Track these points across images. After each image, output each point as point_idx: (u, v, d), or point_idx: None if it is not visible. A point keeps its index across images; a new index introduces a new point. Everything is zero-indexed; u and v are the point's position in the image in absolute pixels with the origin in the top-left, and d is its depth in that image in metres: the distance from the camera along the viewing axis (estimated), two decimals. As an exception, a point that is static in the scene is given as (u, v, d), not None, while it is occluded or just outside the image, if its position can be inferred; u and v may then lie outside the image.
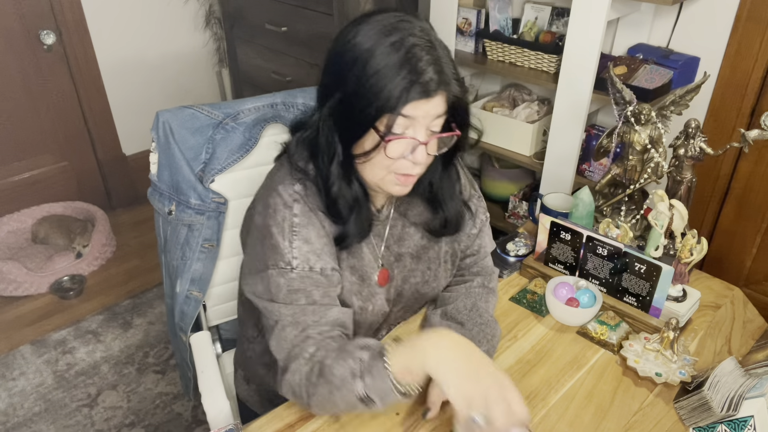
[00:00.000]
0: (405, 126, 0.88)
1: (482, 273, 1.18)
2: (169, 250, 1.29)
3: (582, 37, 1.78)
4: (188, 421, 1.91)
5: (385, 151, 0.89)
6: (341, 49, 0.88)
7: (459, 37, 2.22)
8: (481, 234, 1.18)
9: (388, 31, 0.85)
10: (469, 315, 1.09)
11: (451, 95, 0.89)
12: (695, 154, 1.29)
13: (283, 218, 0.94)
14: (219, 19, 3.04)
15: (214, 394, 1.17)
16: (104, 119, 2.83)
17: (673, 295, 1.19)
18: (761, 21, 1.75)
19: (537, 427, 0.99)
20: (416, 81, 0.84)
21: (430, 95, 0.85)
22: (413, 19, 0.88)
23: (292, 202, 0.95)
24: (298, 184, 0.97)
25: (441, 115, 0.90)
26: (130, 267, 2.62)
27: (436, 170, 1.03)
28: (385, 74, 0.83)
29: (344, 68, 0.87)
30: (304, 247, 0.94)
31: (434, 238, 1.10)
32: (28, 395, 1.99)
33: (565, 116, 1.93)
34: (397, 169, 0.92)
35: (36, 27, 2.49)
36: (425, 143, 0.90)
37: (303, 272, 0.93)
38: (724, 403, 0.94)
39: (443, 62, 0.87)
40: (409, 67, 0.83)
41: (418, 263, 1.10)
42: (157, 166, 1.23)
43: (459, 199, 1.08)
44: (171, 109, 1.22)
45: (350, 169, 0.94)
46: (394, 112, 0.85)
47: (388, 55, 0.84)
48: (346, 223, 0.97)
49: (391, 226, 1.07)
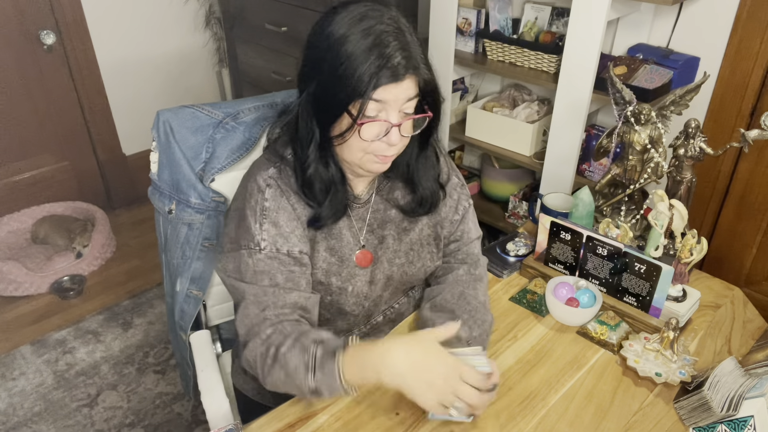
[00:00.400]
0: (378, 109, 0.92)
1: (467, 260, 1.20)
2: (169, 249, 1.29)
3: (582, 37, 1.78)
4: (188, 421, 1.91)
5: (359, 133, 0.94)
6: (316, 38, 0.94)
7: (459, 37, 2.22)
8: (464, 220, 1.20)
9: (358, 19, 0.90)
10: (457, 303, 1.12)
11: (421, 78, 0.93)
12: (695, 154, 1.29)
13: (255, 202, 1.01)
14: (219, 19, 3.04)
15: (214, 394, 1.17)
16: (104, 119, 2.83)
17: (673, 295, 1.19)
18: (761, 21, 1.75)
19: (537, 427, 0.99)
20: (385, 65, 0.88)
21: (399, 79, 0.90)
22: (382, 7, 0.92)
23: (264, 186, 1.01)
24: (273, 168, 1.02)
25: (412, 98, 0.94)
26: (130, 267, 2.62)
27: (412, 151, 1.08)
28: (355, 60, 0.88)
29: (319, 56, 0.93)
30: (272, 230, 1.00)
31: (414, 220, 1.13)
32: (28, 395, 1.99)
33: (565, 116, 1.93)
34: (374, 150, 0.96)
35: (36, 27, 2.49)
36: (398, 125, 0.94)
37: (270, 253, 0.99)
38: (724, 403, 0.94)
39: (411, 47, 0.91)
40: (377, 53, 0.88)
41: (400, 245, 1.13)
42: (158, 165, 1.23)
43: (435, 180, 1.11)
44: (171, 108, 1.22)
45: (327, 152, 1.00)
46: (365, 97, 0.89)
47: (358, 42, 0.89)
48: (320, 204, 1.02)
49: (374, 210, 1.11)
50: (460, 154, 2.63)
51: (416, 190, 1.10)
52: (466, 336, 1.06)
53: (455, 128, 2.36)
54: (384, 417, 1.00)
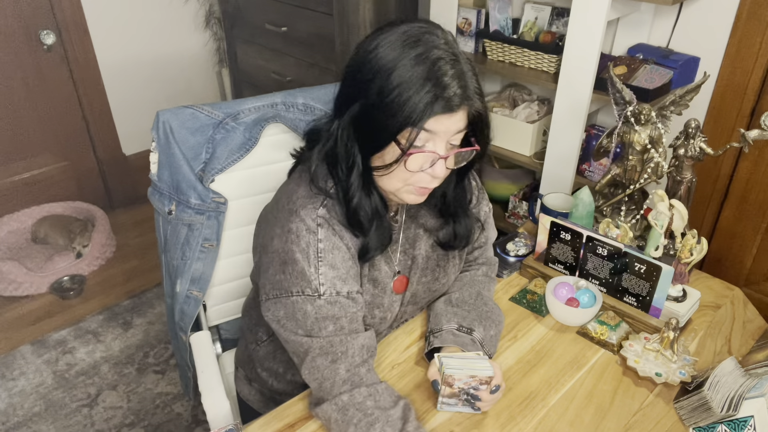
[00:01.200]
0: (425, 139, 0.88)
1: (486, 263, 1.22)
2: (169, 250, 1.29)
3: (582, 37, 1.78)
4: (188, 421, 1.91)
5: (405, 164, 0.88)
6: (363, 58, 0.87)
7: (459, 37, 2.22)
8: (487, 226, 1.20)
9: (412, 42, 0.84)
10: (475, 303, 1.12)
11: (473, 110, 0.89)
12: (695, 154, 1.29)
13: (307, 244, 0.93)
14: (219, 19, 3.04)
15: (214, 394, 1.17)
16: (104, 119, 2.83)
17: (673, 295, 1.19)
18: (761, 21, 1.75)
19: (537, 427, 0.99)
20: (440, 96, 0.83)
21: (453, 110, 0.85)
22: (438, 30, 0.87)
23: (316, 227, 0.94)
24: (322, 207, 0.95)
25: (461, 130, 0.90)
26: (130, 267, 2.62)
27: (450, 182, 1.03)
28: (408, 87, 0.83)
29: (366, 78, 0.86)
30: (330, 273, 0.94)
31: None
32: (28, 395, 1.99)
33: (565, 116, 1.93)
34: (416, 182, 0.92)
35: (36, 27, 2.49)
36: (445, 157, 0.90)
37: (331, 297, 0.93)
38: (724, 403, 0.94)
39: (467, 77, 0.87)
40: (433, 81, 0.83)
41: (428, 262, 1.10)
42: (158, 165, 1.23)
43: (470, 213, 1.09)
44: (171, 108, 1.22)
45: (369, 180, 0.94)
46: (417, 126, 0.84)
47: (412, 68, 0.83)
48: (367, 234, 0.96)
49: (404, 229, 1.07)
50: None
51: (449, 222, 1.07)
52: (480, 338, 1.06)
53: (455, 128, 2.36)
54: (384, 417, 1.00)
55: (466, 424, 0.99)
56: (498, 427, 0.98)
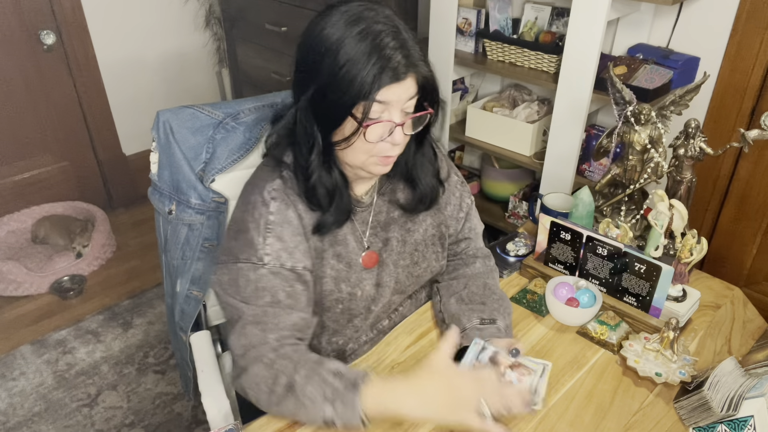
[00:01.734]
0: (380, 110, 0.92)
1: (479, 255, 1.24)
2: (169, 250, 1.29)
3: (582, 37, 1.78)
4: (188, 421, 1.91)
5: (364, 135, 0.93)
6: (311, 41, 0.92)
7: (459, 37, 2.22)
8: (470, 217, 1.22)
9: (354, 20, 0.89)
10: (484, 294, 1.14)
11: (421, 76, 0.93)
12: (695, 154, 1.29)
13: (260, 215, 0.99)
14: (219, 19, 3.04)
15: (213, 394, 1.17)
16: (104, 119, 2.83)
17: (673, 295, 1.19)
18: (761, 21, 1.75)
19: (537, 427, 0.99)
20: (386, 66, 0.88)
21: (400, 78, 0.90)
22: (376, 6, 0.92)
23: (269, 200, 1.00)
24: (278, 179, 1.01)
25: (413, 97, 0.94)
26: (130, 267, 2.62)
27: (410, 149, 1.08)
28: (355, 63, 0.88)
29: (316, 60, 0.91)
30: (276, 245, 0.98)
31: (418, 221, 1.14)
32: (28, 395, 1.99)
33: (565, 116, 1.93)
34: (378, 152, 0.96)
35: (36, 27, 2.49)
36: (401, 124, 0.94)
37: (274, 268, 0.98)
38: (724, 403, 0.94)
39: (410, 45, 0.91)
40: (378, 54, 0.88)
41: (404, 246, 1.13)
42: (158, 165, 1.23)
43: (434, 176, 1.12)
44: (171, 108, 1.22)
45: (330, 157, 0.99)
46: (369, 99, 0.89)
47: (356, 44, 0.88)
48: (325, 210, 1.01)
49: (377, 212, 1.11)
50: (460, 154, 2.63)
51: (416, 187, 1.11)
52: (503, 326, 1.09)
53: (455, 128, 2.36)
54: (384, 417, 1.00)
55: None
56: (498, 427, 0.98)
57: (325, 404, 0.89)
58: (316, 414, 0.90)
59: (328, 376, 0.91)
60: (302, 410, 0.91)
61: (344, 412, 0.88)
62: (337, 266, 1.06)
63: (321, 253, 1.04)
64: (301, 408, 0.91)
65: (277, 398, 0.93)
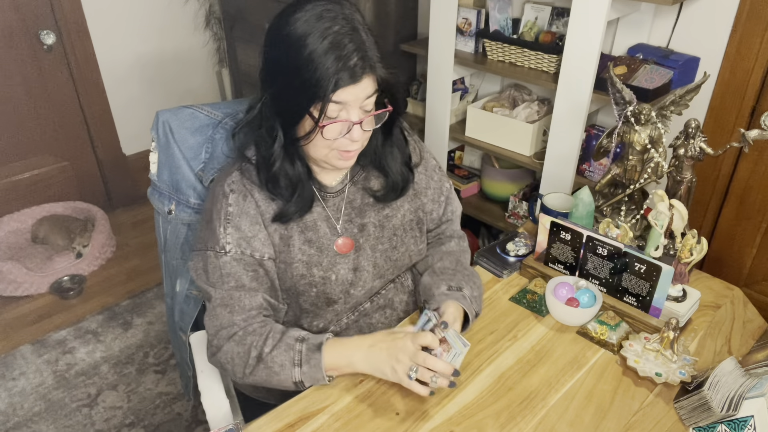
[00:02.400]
0: (338, 109, 0.95)
1: (455, 236, 1.29)
2: (168, 250, 1.29)
3: (582, 37, 1.78)
4: (188, 421, 1.91)
5: (322, 134, 0.96)
6: (275, 39, 0.96)
7: (459, 37, 2.22)
8: (450, 201, 1.27)
9: (314, 20, 0.91)
10: (456, 268, 1.20)
11: (378, 76, 0.96)
12: (695, 154, 1.29)
13: (221, 206, 1.05)
14: (219, 19, 3.04)
15: (213, 394, 1.17)
16: (104, 119, 2.83)
17: (673, 295, 1.19)
18: (761, 21, 1.75)
19: (537, 427, 0.99)
20: (342, 68, 0.91)
21: (357, 80, 0.93)
22: (337, 6, 0.94)
23: (228, 192, 1.05)
24: (236, 172, 1.06)
25: (371, 95, 0.97)
26: (130, 267, 2.62)
27: (377, 140, 1.11)
28: (313, 63, 0.90)
29: (278, 57, 0.95)
30: (235, 234, 1.04)
31: (396, 207, 1.16)
32: (28, 395, 1.99)
33: (565, 116, 1.93)
34: (338, 146, 1.00)
35: (36, 27, 2.50)
36: (359, 122, 0.97)
37: (236, 255, 1.04)
38: (724, 403, 0.94)
39: (367, 46, 0.94)
40: (334, 55, 0.90)
41: (383, 231, 1.15)
42: (157, 165, 1.23)
43: (404, 164, 1.14)
44: (171, 108, 1.22)
45: (292, 150, 1.02)
46: (325, 99, 0.92)
47: (315, 45, 0.90)
48: (287, 200, 1.05)
49: (350, 199, 1.13)
50: (460, 154, 2.62)
51: (387, 176, 1.13)
52: (469, 294, 1.13)
53: (455, 128, 2.36)
54: (384, 417, 1.00)
55: (466, 424, 0.99)
56: (498, 427, 0.98)
57: (294, 368, 0.99)
58: (286, 378, 1.00)
59: (294, 343, 1.01)
60: (274, 376, 1.01)
61: (310, 372, 0.99)
62: (308, 251, 1.08)
63: (287, 240, 1.07)
64: (272, 374, 1.00)
65: (251, 369, 1.01)
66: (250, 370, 1.02)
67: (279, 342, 1.01)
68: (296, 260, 1.08)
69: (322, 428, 0.98)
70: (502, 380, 1.07)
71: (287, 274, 1.08)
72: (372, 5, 2.30)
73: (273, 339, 1.02)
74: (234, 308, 1.04)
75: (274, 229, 1.06)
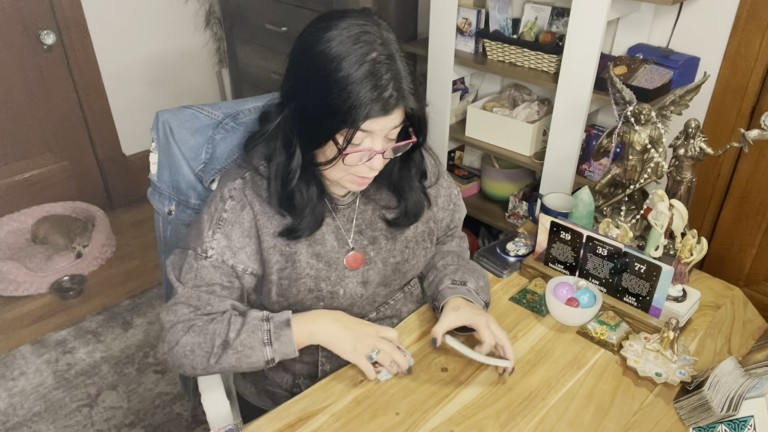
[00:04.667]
0: (362, 137, 0.92)
1: (456, 236, 1.30)
2: (169, 251, 1.28)
3: (582, 37, 1.78)
4: (188, 421, 1.91)
5: (343, 161, 0.94)
6: (305, 54, 0.92)
7: (459, 37, 2.22)
8: (458, 207, 1.27)
9: (352, 42, 0.88)
10: (459, 263, 1.21)
11: (408, 107, 0.93)
12: (695, 154, 1.29)
13: (215, 209, 1.03)
14: (219, 19, 3.04)
15: (213, 394, 1.17)
16: (104, 119, 2.83)
17: (673, 295, 1.19)
18: (761, 21, 1.75)
19: (537, 427, 0.99)
20: (377, 99, 0.87)
21: (389, 112, 0.90)
22: (375, 28, 0.90)
23: (227, 197, 1.02)
24: (239, 179, 1.03)
25: (398, 126, 0.94)
26: (130, 267, 2.62)
27: (395, 163, 1.08)
28: (347, 90, 0.87)
29: (308, 76, 0.91)
30: (222, 242, 1.01)
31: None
32: (28, 395, 1.99)
33: (565, 116, 1.93)
34: (356, 172, 0.98)
35: (36, 27, 2.50)
36: (382, 152, 0.95)
37: (215, 262, 1.02)
38: (724, 403, 0.94)
39: (402, 76, 0.90)
40: (371, 85, 0.87)
41: (395, 243, 1.13)
42: (157, 166, 1.22)
43: (419, 189, 1.12)
44: (171, 109, 1.22)
45: (310, 171, 1.00)
46: (354, 127, 0.89)
47: (350, 70, 0.87)
48: (299, 217, 1.02)
49: (361, 210, 1.11)
50: (460, 154, 2.63)
51: (400, 201, 1.11)
52: (474, 287, 1.14)
53: (455, 128, 2.36)
54: (384, 417, 1.00)
55: (466, 424, 0.99)
56: (498, 427, 0.98)
57: (264, 348, 0.99)
58: (257, 359, 0.99)
59: (260, 323, 1.00)
60: (244, 360, 0.99)
61: (281, 348, 0.99)
62: (317, 265, 1.06)
63: (291, 256, 1.05)
64: (242, 358, 0.99)
65: (216, 357, 0.99)
66: (216, 359, 0.99)
67: (243, 325, 1.00)
68: (303, 275, 1.06)
69: (322, 428, 0.98)
70: (502, 380, 1.07)
71: (291, 289, 1.06)
72: (372, 5, 2.30)
73: (235, 324, 1.00)
74: (198, 309, 1.01)
75: (273, 245, 1.03)
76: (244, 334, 0.99)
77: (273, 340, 0.99)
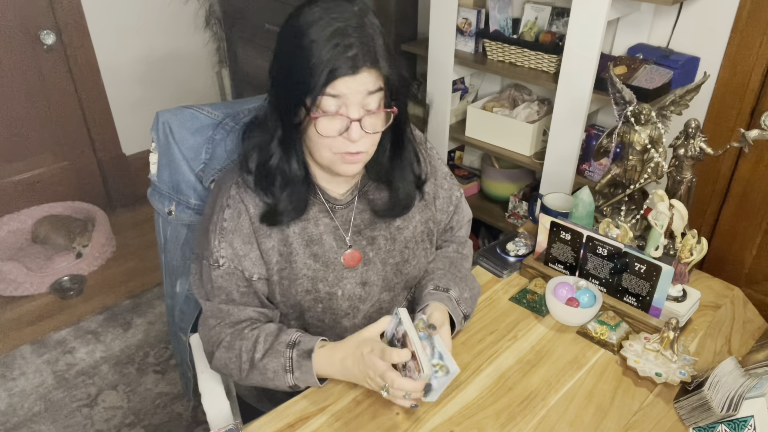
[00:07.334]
0: (337, 105, 0.90)
1: (455, 241, 1.26)
2: (169, 250, 1.29)
3: (582, 37, 1.78)
4: (188, 421, 1.91)
5: (316, 128, 0.92)
6: (282, 31, 0.94)
7: (459, 37, 2.22)
8: (458, 210, 1.24)
9: (323, 11, 0.89)
10: (449, 269, 1.18)
11: (384, 73, 0.91)
12: (695, 154, 1.29)
13: (217, 218, 1.04)
14: (219, 19, 3.04)
15: (214, 394, 1.17)
16: (104, 119, 2.83)
17: (673, 295, 1.19)
18: (761, 21, 1.75)
19: (537, 427, 0.99)
20: (340, 56, 0.86)
21: (355, 71, 0.88)
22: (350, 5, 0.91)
23: (225, 206, 1.03)
24: (233, 185, 1.03)
25: (374, 92, 0.91)
26: (130, 267, 2.62)
27: (384, 152, 1.05)
28: (310, 51, 0.87)
29: (280, 48, 0.94)
30: (228, 249, 1.03)
31: (407, 219, 1.13)
32: (28, 395, 1.99)
33: (565, 116, 1.93)
34: (338, 148, 0.94)
35: (36, 27, 2.49)
36: (358, 120, 0.91)
37: (228, 269, 1.03)
38: (724, 403, 0.94)
39: (373, 41, 0.89)
40: (333, 44, 0.86)
41: (394, 244, 1.12)
42: (157, 166, 1.23)
43: (412, 182, 1.10)
44: (171, 109, 1.22)
45: (291, 148, 0.99)
46: (320, 89, 0.88)
47: (317, 34, 0.87)
48: (277, 199, 1.00)
49: (359, 211, 1.10)
50: (460, 154, 2.63)
51: (392, 193, 1.09)
52: (456, 296, 1.11)
53: (455, 128, 2.36)
54: (384, 417, 1.00)
55: (466, 424, 0.99)
56: (498, 427, 0.98)
57: (287, 374, 1.00)
58: (281, 383, 1.01)
59: (285, 350, 1.00)
60: (269, 381, 1.02)
61: (302, 377, 0.99)
62: (314, 266, 1.06)
63: (288, 257, 1.04)
64: (267, 380, 1.02)
65: (246, 373, 1.03)
66: (245, 374, 1.03)
67: (270, 348, 1.01)
68: (301, 275, 1.05)
69: (322, 428, 0.98)
70: (502, 380, 1.07)
71: (291, 290, 1.06)
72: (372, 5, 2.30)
73: (264, 343, 1.02)
74: (223, 320, 1.05)
75: (272, 246, 1.03)
76: (268, 357, 1.01)
77: (294, 369, 1.00)
